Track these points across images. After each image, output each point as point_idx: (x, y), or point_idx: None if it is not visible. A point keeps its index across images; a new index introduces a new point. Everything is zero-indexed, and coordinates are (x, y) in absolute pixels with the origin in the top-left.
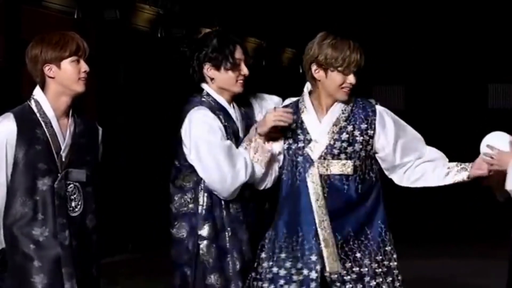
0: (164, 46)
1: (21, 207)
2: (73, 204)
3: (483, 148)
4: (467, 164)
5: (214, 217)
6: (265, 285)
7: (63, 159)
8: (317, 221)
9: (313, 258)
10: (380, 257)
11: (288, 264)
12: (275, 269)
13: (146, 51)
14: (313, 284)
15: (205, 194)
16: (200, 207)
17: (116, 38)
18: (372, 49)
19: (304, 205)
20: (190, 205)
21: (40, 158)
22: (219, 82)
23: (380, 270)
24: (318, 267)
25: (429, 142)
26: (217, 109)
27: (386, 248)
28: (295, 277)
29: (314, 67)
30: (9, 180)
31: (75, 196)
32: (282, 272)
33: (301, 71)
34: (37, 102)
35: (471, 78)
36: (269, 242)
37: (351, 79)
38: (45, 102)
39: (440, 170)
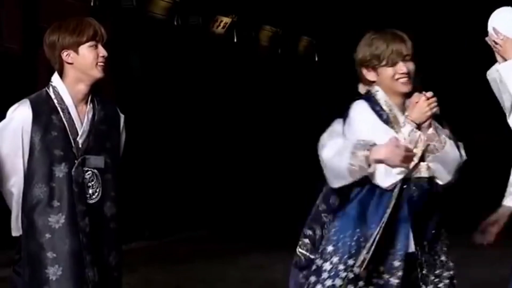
0: (181, 34)
1: (37, 193)
2: (90, 191)
3: (490, 26)
4: None
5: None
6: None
7: (80, 146)
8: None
9: None
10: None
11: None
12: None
13: (163, 39)
14: None
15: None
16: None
17: (133, 26)
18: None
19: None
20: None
21: (56, 144)
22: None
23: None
24: None
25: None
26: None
27: None
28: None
29: (364, 70)
30: (26, 167)
31: (92, 183)
32: None
33: (316, 59)
34: (55, 89)
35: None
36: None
37: (400, 68)
38: (63, 88)
39: None
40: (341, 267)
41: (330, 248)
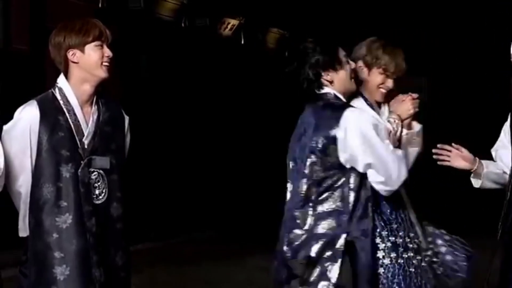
0: (188, 35)
1: (44, 193)
2: (96, 192)
3: None
4: None
5: (365, 214)
6: None
7: (86, 147)
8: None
9: None
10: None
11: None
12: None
13: (170, 40)
14: None
15: (353, 194)
16: (349, 205)
17: (140, 28)
18: (394, 39)
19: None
20: (338, 203)
21: (63, 144)
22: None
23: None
24: None
25: (453, 134)
26: None
27: None
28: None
29: (359, 64)
30: (33, 166)
31: (99, 184)
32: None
33: None
34: (60, 90)
35: (496, 70)
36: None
37: (390, 83)
38: (69, 89)
39: None
40: (407, 239)
41: (394, 226)
